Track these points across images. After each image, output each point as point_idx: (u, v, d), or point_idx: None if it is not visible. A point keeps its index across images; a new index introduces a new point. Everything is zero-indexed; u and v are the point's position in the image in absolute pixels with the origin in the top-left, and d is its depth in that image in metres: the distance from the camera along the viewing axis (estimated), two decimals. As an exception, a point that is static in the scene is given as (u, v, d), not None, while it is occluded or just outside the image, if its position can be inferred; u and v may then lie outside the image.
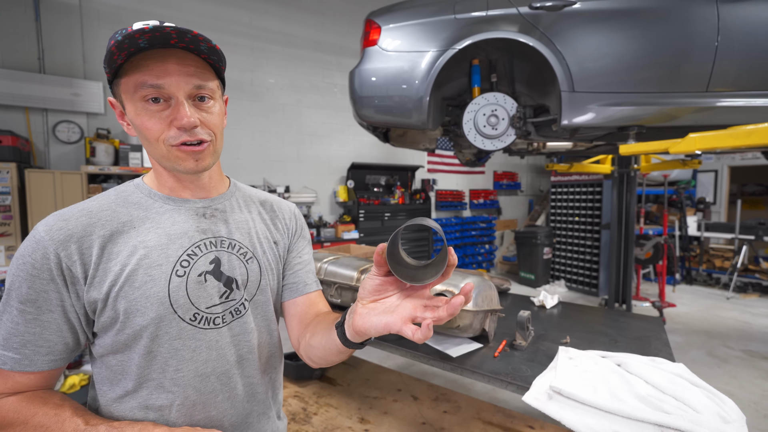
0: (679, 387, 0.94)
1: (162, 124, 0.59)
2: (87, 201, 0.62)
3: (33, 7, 3.51)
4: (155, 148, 0.60)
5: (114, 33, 0.58)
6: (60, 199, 3.35)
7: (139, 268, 0.59)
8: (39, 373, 0.57)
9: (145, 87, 0.57)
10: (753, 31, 1.98)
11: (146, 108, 0.58)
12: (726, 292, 5.37)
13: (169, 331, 0.61)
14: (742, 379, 2.94)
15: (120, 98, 0.61)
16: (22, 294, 0.55)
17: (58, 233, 0.56)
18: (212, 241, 0.67)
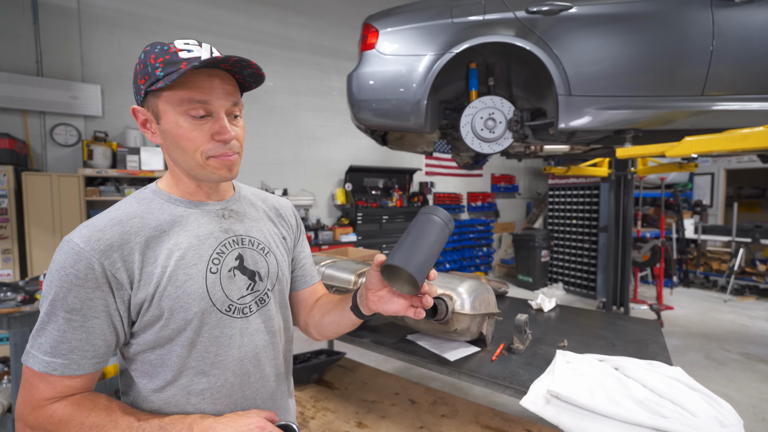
0: (677, 391, 0.94)
1: (204, 136, 0.64)
2: (112, 210, 0.65)
3: (31, 10, 3.51)
4: (190, 158, 0.65)
5: (152, 48, 0.63)
6: (57, 202, 3.34)
7: (178, 268, 0.64)
8: (85, 375, 0.61)
9: (193, 102, 0.62)
10: (747, 36, 2.00)
11: (189, 120, 0.63)
12: (723, 295, 5.38)
13: (209, 322, 0.67)
14: (740, 382, 2.94)
15: (155, 108, 0.64)
16: (68, 304, 0.58)
17: (98, 244, 0.59)
18: (234, 239, 0.73)
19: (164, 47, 0.63)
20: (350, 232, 5.08)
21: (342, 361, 2.25)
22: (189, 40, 0.64)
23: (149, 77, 0.62)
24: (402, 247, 0.63)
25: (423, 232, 0.65)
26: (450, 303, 1.19)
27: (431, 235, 0.65)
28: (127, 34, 4.00)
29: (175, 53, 0.62)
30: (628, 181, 4.12)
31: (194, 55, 0.63)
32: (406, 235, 0.66)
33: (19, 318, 1.97)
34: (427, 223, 0.66)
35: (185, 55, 0.62)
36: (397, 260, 0.61)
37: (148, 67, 0.62)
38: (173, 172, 0.71)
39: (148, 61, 0.62)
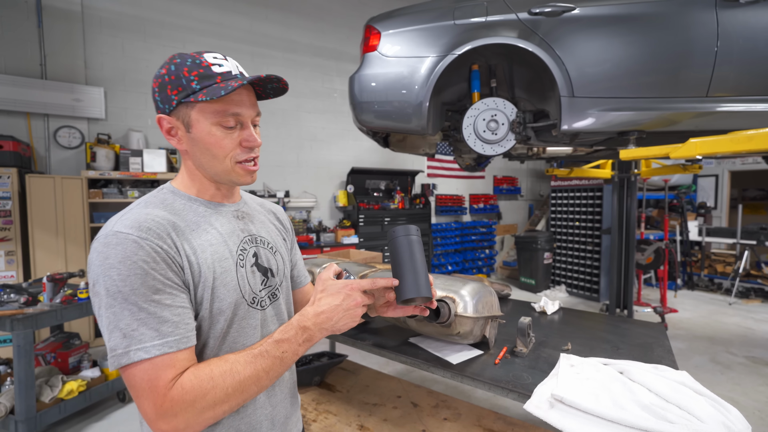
0: (683, 395, 0.92)
1: (233, 143, 0.70)
2: (141, 207, 0.67)
3: (36, 14, 3.54)
4: (219, 163, 0.70)
5: (181, 60, 0.67)
6: (60, 204, 3.35)
7: (215, 261, 0.68)
8: (191, 348, 0.63)
9: (227, 115, 0.67)
10: (752, 37, 1.98)
11: (220, 130, 0.68)
12: (728, 298, 5.34)
13: (239, 312, 0.71)
14: (746, 386, 2.91)
15: (187, 117, 0.68)
16: (151, 287, 0.59)
17: (149, 233, 0.62)
18: (250, 238, 0.78)
19: (196, 60, 0.67)
20: (352, 234, 5.08)
21: (344, 363, 2.24)
22: (216, 54, 0.69)
23: (183, 89, 0.66)
24: (406, 276, 0.72)
25: (412, 255, 0.73)
26: (452, 306, 1.18)
27: (417, 253, 0.74)
28: (130, 37, 4.03)
29: (208, 67, 0.67)
30: (631, 182, 4.10)
31: (225, 70, 0.68)
32: (400, 262, 0.74)
33: (21, 320, 1.97)
34: (411, 244, 0.74)
35: (218, 70, 0.67)
36: (413, 292, 0.70)
37: (182, 79, 0.65)
38: (194, 175, 0.74)
39: (180, 73, 0.65)
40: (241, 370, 0.62)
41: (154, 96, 0.69)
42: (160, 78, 0.67)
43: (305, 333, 0.67)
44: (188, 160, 0.73)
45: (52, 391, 2.19)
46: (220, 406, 0.61)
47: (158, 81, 0.68)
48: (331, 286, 0.69)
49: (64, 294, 2.26)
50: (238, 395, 0.62)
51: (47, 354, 2.47)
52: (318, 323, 0.67)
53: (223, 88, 0.64)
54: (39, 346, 2.53)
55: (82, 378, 2.40)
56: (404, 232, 0.75)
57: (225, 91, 0.63)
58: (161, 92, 0.67)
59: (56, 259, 3.33)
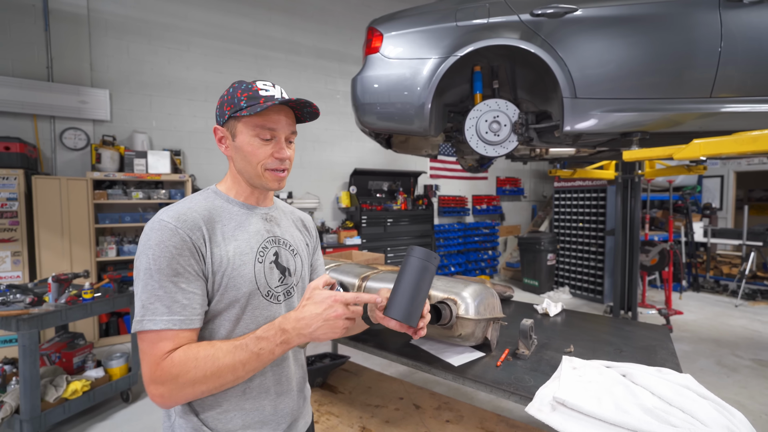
0: (687, 399, 0.92)
1: (266, 153, 0.81)
2: (186, 202, 0.79)
3: (43, 18, 3.58)
4: (253, 169, 0.82)
5: (239, 85, 0.81)
6: (65, 205, 3.38)
7: (236, 254, 0.78)
8: (194, 330, 0.73)
9: (264, 129, 0.80)
10: (757, 37, 1.97)
11: (257, 141, 0.81)
12: (734, 300, 5.28)
13: (253, 302, 0.80)
14: (753, 390, 2.88)
15: (234, 129, 0.81)
16: (174, 270, 0.70)
17: (185, 224, 0.73)
18: (273, 239, 0.88)
19: (248, 86, 0.81)
20: (355, 235, 5.08)
21: (346, 364, 2.24)
22: (266, 82, 0.82)
23: (234, 106, 0.80)
24: (401, 298, 0.75)
25: (419, 282, 0.75)
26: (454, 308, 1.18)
27: (425, 282, 0.76)
28: (135, 40, 4.06)
29: (256, 91, 0.80)
30: (635, 183, 4.07)
31: (270, 94, 0.81)
32: (403, 282, 0.76)
33: (27, 320, 1.99)
34: (424, 271, 0.76)
35: (264, 93, 0.80)
36: (399, 315, 0.74)
37: (235, 99, 0.80)
38: (235, 178, 0.87)
39: (235, 95, 0.80)
40: (221, 357, 0.69)
41: (216, 112, 0.85)
42: (222, 98, 0.82)
43: (283, 335, 0.72)
44: (231, 165, 0.86)
45: (56, 391, 2.21)
46: (198, 386, 0.68)
47: (221, 100, 0.82)
48: (317, 294, 0.74)
49: (69, 294, 2.28)
50: (215, 379, 0.69)
51: (52, 354, 2.49)
52: (297, 328, 0.71)
53: (261, 106, 0.77)
54: (44, 346, 2.55)
55: (87, 378, 2.42)
56: (424, 257, 0.76)
57: (260, 108, 0.76)
58: (220, 108, 0.82)
59: (61, 260, 3.36)
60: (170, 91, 4.29)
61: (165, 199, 3.83)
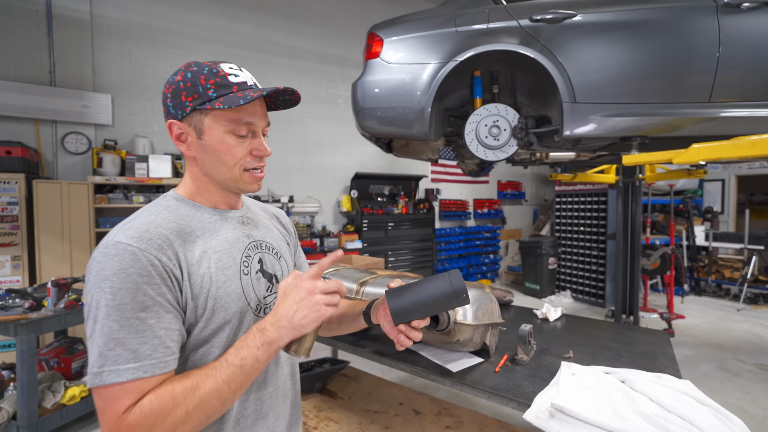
0: (686, 405, 0.91)
1: (244, 152, 0.71)
2: (144, 215, 0.66)
3: (46, 23, 3.61)
4: (228, 170, 0.71)
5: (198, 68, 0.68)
6: (66, 210, 3.39)
7: (218, 270, 0.68)
8: (169, 373, 0.60)
9: (241, 123, 0.69)
10: (754, 42, 1.97)
11: (233, 138, 0.69)
12: (736, 304, 5.26)
13: (244, 321, 0.71)
14: (755, 394, 2.86)
15: (200, 124, 0.68)
16: (140, 303, 0.57)
17: (150, 243, 0.61)
18: (255, 244, 0.78)
19: (212, 69, 0.68)
20: (356, 239, 5.08)
21: (346, 369, 2.23)
22: (231, 64, 0.71)
23: (199, 96, 0.66)
24: (403, 293, 0.72)
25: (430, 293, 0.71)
26: (452, 313, 1.17)
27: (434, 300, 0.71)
28: (137, 45, 4.09)
29: (224, 77, 0.68)
30: (636, 187, 4.06)
31: (241, 80, 0.69)
32: (418, 285, 0.73)
33: (25, 325, 1.99)
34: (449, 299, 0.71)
35: (234, 80, 0.68)
36: (391, 301, 0.71)
37: (198, 86, 0.66)
38: (199, 182, 0.74)
39: (197, 81, 0.66)
40: (201, 384, 0.58)
41: (166, 101, 0.69)
42: (174, 84, 0.68)
43: (263, 335, 0.63)
44: (195, 167, 0.73)
45: (54, 397, 2.20)
46: (181, 427, 0.57)
47: (172, 87, 0.68)
48: (287, 286, 0.67)
49: (68, 299, 2.28)
50: (199, 413, 0.58)
51: (50, 359, 2.49)
52: (274, 322, 0.64)
53: (241, 97, 0.65)
54: (42, 350, 2.55)
55: (85, 383, 2.41)
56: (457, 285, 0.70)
57: (244, 101, 0.65)
58: (174, 98, 0.68)
59: (61, 264, 3.37)
60: (172, 95, 4.31)
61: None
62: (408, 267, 5.62)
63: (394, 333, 0.74)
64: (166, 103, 0.69)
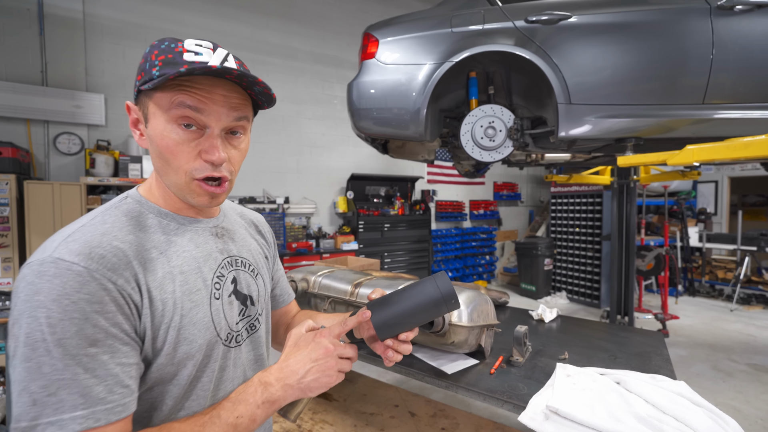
0: (680, 407, 0.91)
1: (191, 153, 0.55)
2: (97, 224, 0.53)
3: (38, 22, 3.57)
4: (174, 174, 0.56)
5: (159, 43, 0.55)
6: (59, 211, 3.35)
7: (183, 294, 0.56)
8: (127, 419, 0.49)
9: (183, 107, 0.53)
10: (747, 45, 1.99)
11: (177, 131, 0.54)
12: (729, 304, 5.30)
13: (212, 354, 0.60)
14: (748, 394, 2.88)
15: (146, 108, 0.55)
16: (89, 337, 0.46)
17: (102, 261, 0.49)
18: (229, 260, 0.66)
19: (171, 44, 0.55)
20: (352, 240, 5.07)
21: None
22: (204, 42, 0.56)
23: (145, 74, 0.54)
24: (386, 304, 0.65)
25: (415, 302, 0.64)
26: (446, 315, 1.17)
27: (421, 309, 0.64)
28: (131, 45, 4.06)
29: (179, 53, 0.53)
30: (630, 189, 4.09)
31: (201, 59, 0.54)
32: (403, 291, 0.66)
33: (16, 327, 1.96)
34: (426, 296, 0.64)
35: (190, 57, 0.54)
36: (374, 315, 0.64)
37: (147, 63, 0.54)
38: (160, 183, 0.61)
39: (149, 57, 0.54)
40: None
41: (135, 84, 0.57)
42: (139, 65, 0.57)
43: (266, 391, 0.55)
44: (153, 163, 0.59)
45: (46, 400, 2.17)
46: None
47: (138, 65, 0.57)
48: (301, 338, 0.61)
49: (60, 301, 2.25)
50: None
51: (42, 361, 2.45)
52: (281, 378, 0.56)
53: (167, 75, 0.50)
54: (34, 353, 2.51)
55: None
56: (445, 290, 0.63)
57: (164, 78, 0.50)
58: (136, 77, 0.56)
59: (54, 266, 3.32)
60: (166, 95, 4.28)
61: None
62: (404, 268, 5.62)
63: (381, 348, 0.66)
64: None
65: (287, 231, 4.80)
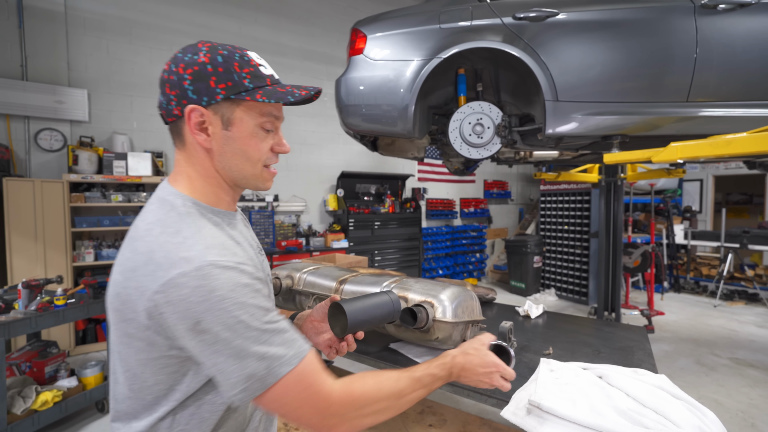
0: (660, 400, 0.92)
1: (267, 147, 0.68)
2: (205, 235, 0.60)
3: (17, 14, 3.47)
4: (252, 166, 0.67)
5: (231, 53, 0.63)
6: (40, 209, 3.27)
7: (267, 278, 0.71)
8: (313, 349, 0.64)
9: (271, 116, 0.66)
10: (730, 43, 2.02)
11: (261, 133, 0.66)
12: (713, 300, 5.41)
13: None
14: (730, 388, 2.94)
15: (229, 114, 0.63)
16: (263, 309, 0.58)
17: (236, 255, 0.60)
18: (257, 245, 0.79)
19: (243, 57, 0.64)
20: (342, 238, 5.04)
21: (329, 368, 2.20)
22: (253, 52, 0.67)
23: (234, 84, 0.61)
24: (358, 303, 0.81)
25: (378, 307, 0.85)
26: (431, 310, 1.16)
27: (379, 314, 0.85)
28: (115, 39, 3.97)
29: (257, 67, 0.64)
30: (618, 187, 4.14)
31: (269, 72, 0.67)
32: (368, 297, 0.86)
33: (-8, 327, 1.90)
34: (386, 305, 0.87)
35: (264, 71, 0.66)
36: (348, 310, 0.78)
37: (233, 74, 0.61)
38: (212, 179, 0.67)
39: (231, 68, 0.61)
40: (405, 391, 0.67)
41: (182, 83, 0.60)
42: (198, 66, 0.60)
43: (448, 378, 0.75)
44: (207, 161, 0.65)
45: (24, 403, 2.11)
46: (380, 404, 0.63)
47: (194, 68, 0.60)
48: (487, 355, 0.79)
49: (40, 301, 2.19)
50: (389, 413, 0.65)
51: (22, 363, 2.39)
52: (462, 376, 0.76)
53: (285, 93, 0.64)
54: (14, 355, 2.45)
55: (58, 388, 2.32)
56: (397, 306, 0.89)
57: (293, 98, 0.63)
58: (199, 82, 0.60)
59: (35, 265, 3.24)
60: (152, 91, 4.20)
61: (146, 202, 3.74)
62: (395, 266, 5.62)
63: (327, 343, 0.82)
64: (182, 86, 0.60)
65: (276, 229, 4.75)
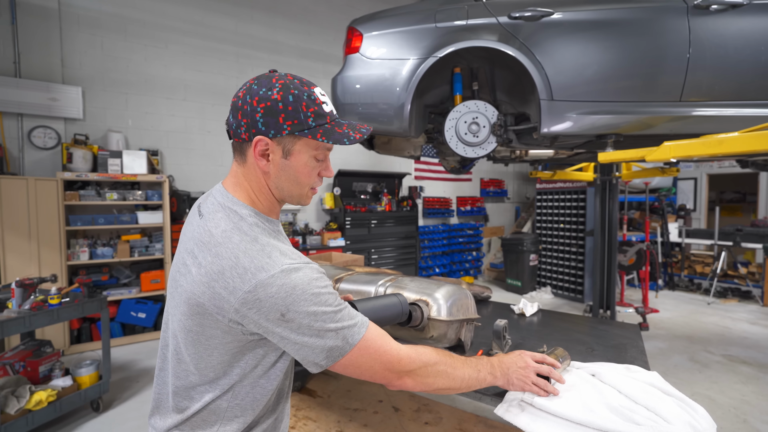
0: (652, 396, 0.93)
1: (315, 173, 0.79)
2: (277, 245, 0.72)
3: (9, 11, 3.43)
4: (301, 189, 0.78)
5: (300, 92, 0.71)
6: (33, 207, 3.25)
7: None
8: None
9: (326, 150, 0.78)
10: (723, 43, 2.03)
11: (314, 163, 0.77)
12: (707, 298, 5.47)
13: None
14: (723, 384, 2.98)
15: (290, 146, 0.73)
16: (333, 293, 0.71)
17: (301, 257, 0.72)
18: None
19: (311, 96, 0.72)
20: (339, 236, 5.05)
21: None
22: (320, 89, 0.75)
23: (299, 122, 0.70)
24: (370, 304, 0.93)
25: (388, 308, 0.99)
26: (426, 309, 1.17)
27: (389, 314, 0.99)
28: (110, 36, 3.94)
29: (320, 106, 0.73)
30: (613, 185, 4.17)
31: (329, 109, 0.75)
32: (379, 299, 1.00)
33: (-15, 327, 1.89)
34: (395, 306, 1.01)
35: (326, 109, 0.74)
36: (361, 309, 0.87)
37: (300, 113, 0.70)
38: (264, 193, 0.78)
39: (299, 107, 0.70)
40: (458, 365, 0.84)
41: (254, 116, 0.69)
42: (270, 102, 0.69)
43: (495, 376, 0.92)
44: (262, 180, 0.76)
45: (18, 402, 2.10)
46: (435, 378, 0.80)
47: (266, 104, 0.69)
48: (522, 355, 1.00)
49: (34, 300, 2.19)
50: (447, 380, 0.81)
51: (16, 362, 2.38)
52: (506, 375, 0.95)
53: (344, 135, 0.73)
54: (7, 354, 2.43)
55: (53, 387, 2.32)
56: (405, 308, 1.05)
57: (349, 142, 0.72)
58: (269, 116, 0.69)
59: (29, 264, 3.22)
60: (147, 89, 4.18)
61: (141, 200, 3.72)
62: (391, 264, 5.63)
63: None
64: (254, 117, 0.70)
65: (273, 228, 4.74)
